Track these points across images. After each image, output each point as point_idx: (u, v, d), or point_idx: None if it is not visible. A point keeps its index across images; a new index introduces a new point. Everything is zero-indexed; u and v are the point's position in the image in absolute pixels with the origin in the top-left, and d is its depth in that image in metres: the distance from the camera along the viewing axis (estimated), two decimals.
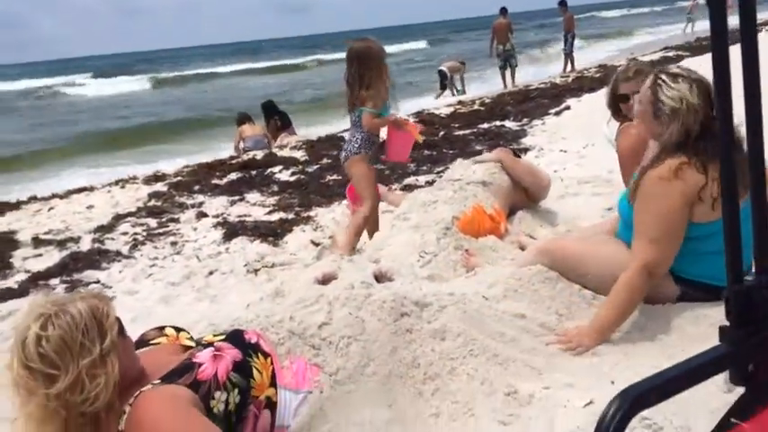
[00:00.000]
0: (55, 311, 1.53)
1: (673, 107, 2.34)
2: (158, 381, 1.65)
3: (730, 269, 0.68)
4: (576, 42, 16.72)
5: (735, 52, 0.75)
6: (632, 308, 2.41)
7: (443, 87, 15.90)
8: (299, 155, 7.91)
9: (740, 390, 0.76)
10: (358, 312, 2.15)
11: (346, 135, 4.35)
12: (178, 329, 2.01)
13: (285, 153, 8.15)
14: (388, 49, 4.16)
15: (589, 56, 19.98)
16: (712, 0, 0.69)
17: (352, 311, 2.15)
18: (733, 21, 0.73)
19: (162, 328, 2.02)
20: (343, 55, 4.04)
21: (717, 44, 0.70)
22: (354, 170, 3.97)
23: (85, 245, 4.88)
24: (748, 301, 0.67)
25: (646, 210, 2.41)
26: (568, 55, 16.03)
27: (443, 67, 16.05)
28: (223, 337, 1.90)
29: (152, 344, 1.92)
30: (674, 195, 2.33)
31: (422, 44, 45.03)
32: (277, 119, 10.21)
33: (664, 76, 2.41)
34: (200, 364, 1.71)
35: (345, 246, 3.84)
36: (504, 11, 15.04)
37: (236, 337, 1.90)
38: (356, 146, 3.92)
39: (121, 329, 1.64)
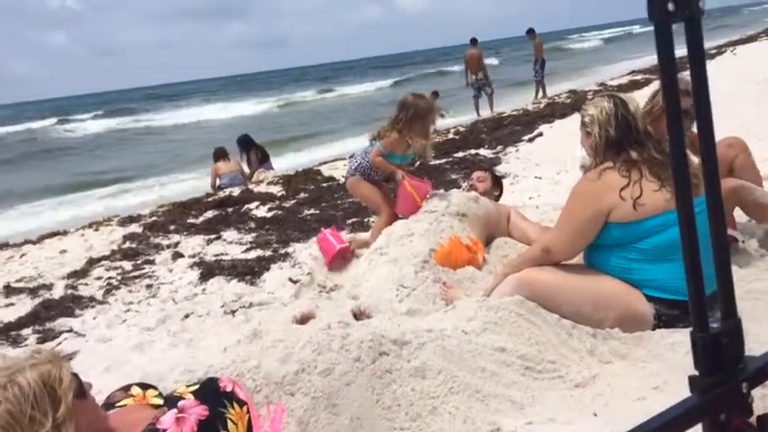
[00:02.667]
0: (3, 383, 1.47)
1: (591, 116, 2.75)
2: None
3: (695, 316, 0.67)
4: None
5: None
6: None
7: None
8: (276, 190, 7.89)
9: None
10: (336, 355, 2.11)
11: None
12: (145, 387, 1.95)
13: (262, 189, 8.12)
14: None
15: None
16: (658, 30, 0.69)
17: (330, 354, 2.11)
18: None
19: (128, 387, 1.95)
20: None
21: (665, 73, 0.70)
22: (354, 190, 4.36)
23: (58, 291, 4.77)
24: (716, 349, 0.66)
25: (567, 203, 2.77)
26: (539, 82, 16.28)
27: None
28: (195, 388, 1.85)
29: (118, 406, 1.86)
30: (589, 194, 2.66)
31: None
32: (256, 151, 10.19)
33: (585, 104, 2.94)
34: (163, 431, 1.66)
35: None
36: (474, 41, 15.28)
37: (208, 389, 1.85)
38: (353, 167, 4.29)
39: (80, 392, 1.58)
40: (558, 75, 23.03)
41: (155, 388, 1.97)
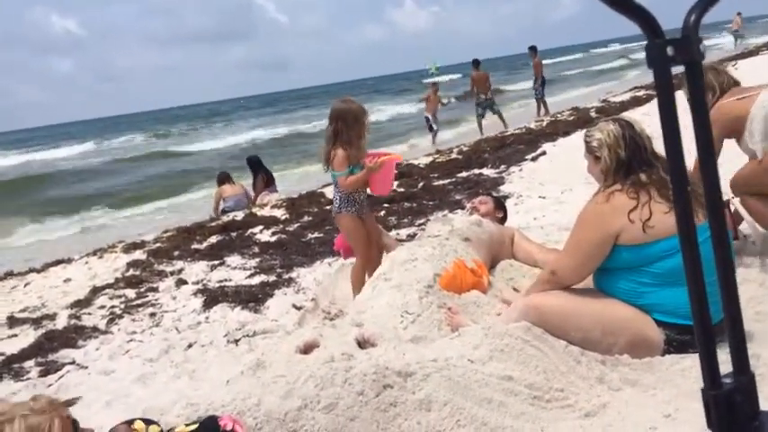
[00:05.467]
0: None
1: (599, 140, 2.73)
2: None
3: (706, 373, 0.63)
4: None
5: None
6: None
7: (431, 129, 15.79)
8: (280, 213, 7.87)
9: None
10: (339, 389, 2.07)
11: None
12: (148, 422, 1.91)
13: (265, 212, 8.11)
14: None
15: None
16: (658, 74, 0.66)
17: (333, 389, 2.07)
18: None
19: (131, 421, 1.92)
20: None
21: (666, 115, 0.68)
22: (342, 226, 4.16)
23: (61, 322, 4.74)
24: (729, 407, 0.62)
25: (575, 226, 2.75)
26: (540, 99, 16.29)
27: (428, 114, 15.84)
28: (195, 427, 1.81)
29: None
30: (598, 217, 2.63)
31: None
32: (264, 174, 10.24)
33: (587, 130, 2.89)
34: None
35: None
36: (476, 63, 15.31)
37: (208, 429, 1.81)
38: (337, 204, 4.09)
39: None
40: None
41: (157, 424, 1.93)
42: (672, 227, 2.51)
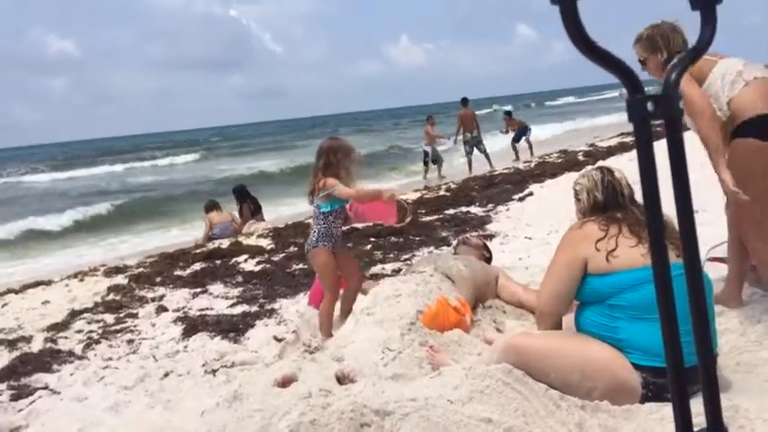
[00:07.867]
0: None
1: (580, 184, 2.96)
2: None
3: (680, 428, 0.63)
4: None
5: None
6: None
7: (426, 164, 15.55)
8: (266, 243, 7.84)
9: None
10: (315, 428, 2.04)
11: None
12: None
13: (251, 241, 8.08)
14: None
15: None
16: (638, 129, 0.68)
17: (309, 427, 2.04)
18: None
19: None
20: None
21: (645, 169, 0.69)
22: (314, 261, 4.07)
23: (37, 345, 4.65)
24: None
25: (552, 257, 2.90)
26: (527, 140, 16.46)
27: (427, 148, 15.63)
28: None
29: None
30: (569, 242, 2.80)
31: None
32: (250, 203, 10.25)
33: (576, 179, 3.09)
34: None
35: (324, 336, 3.94)
36: (465, 101, 15.42)
37: None
38: (314, 239, 4.02)
39: None
40: None
41: None
42: (638, 259, 2.59)
